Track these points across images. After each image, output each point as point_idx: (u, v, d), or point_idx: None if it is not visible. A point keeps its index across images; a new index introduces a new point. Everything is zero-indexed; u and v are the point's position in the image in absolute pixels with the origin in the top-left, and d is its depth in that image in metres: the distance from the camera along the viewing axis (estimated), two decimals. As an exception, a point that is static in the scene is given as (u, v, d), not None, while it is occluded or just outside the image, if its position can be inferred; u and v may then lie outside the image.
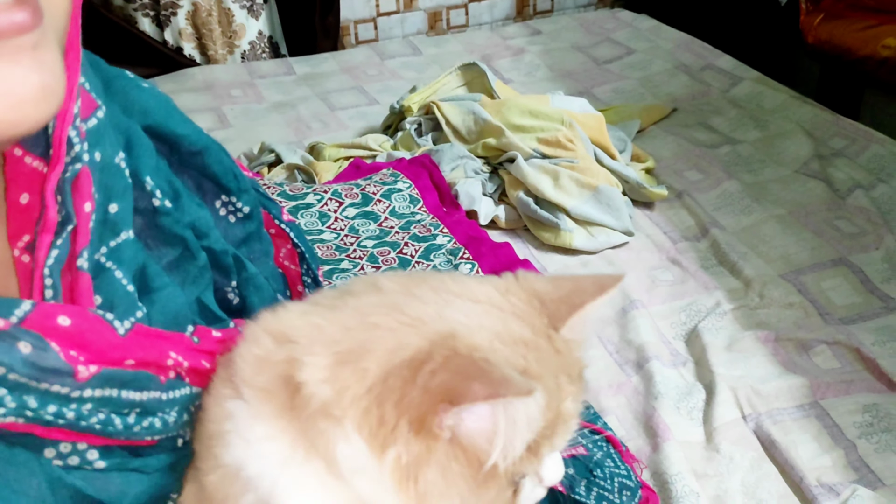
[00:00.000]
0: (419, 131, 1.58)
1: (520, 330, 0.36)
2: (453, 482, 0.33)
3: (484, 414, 0.32)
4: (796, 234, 1.32)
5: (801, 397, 1.01)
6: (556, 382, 0.36)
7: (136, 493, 0.37)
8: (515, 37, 2.32)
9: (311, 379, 0.34)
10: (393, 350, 0.34)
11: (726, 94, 1.86)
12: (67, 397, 0.34)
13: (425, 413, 0.32)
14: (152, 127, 0.47)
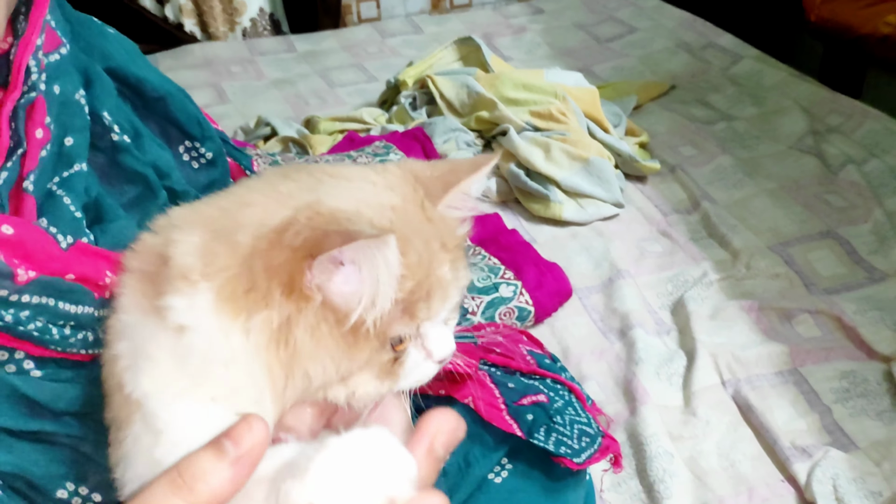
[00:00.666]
0: (414, 105, 1.59)
1: (389, 199, 0.38)
2: (322, 342, 0.34)
3: (347, 269, 0.33)
4: (786, 208, 1.32)
5: (781, 364, 1.02)
6: (426, 246, 0.37)
7: (70, 397, 0.39)
8: (518, 15, 2.31)
9: (180, 252, 0.35)
10: (262, 222, 0.35)
11: (726, 72, 1.85)
12: (6, 300, 0.35)
13: (293, 273, 0.33)
14: (115, 69, 0.49)
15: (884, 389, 0.97)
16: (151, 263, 0.36)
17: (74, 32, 0.48)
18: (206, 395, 0.34)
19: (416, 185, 0.39)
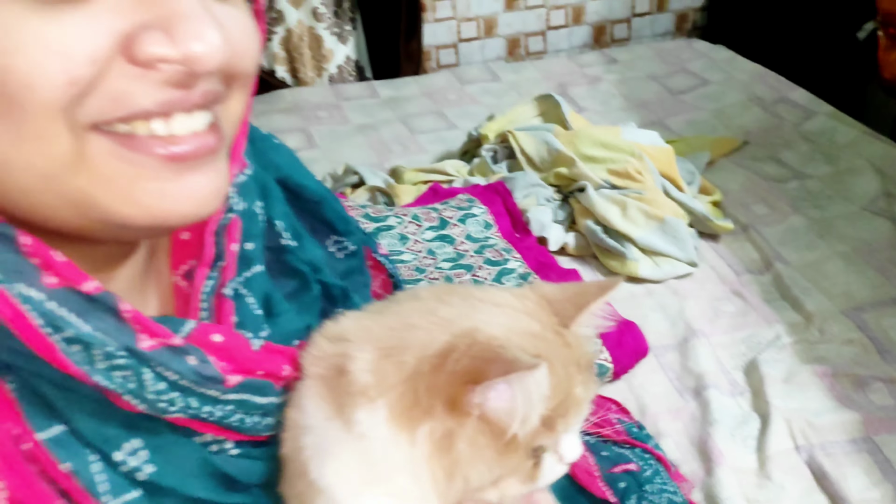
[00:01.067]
0: (495, 158, 1.67)
1: (530, 326, 0.45)
2: (480, 452, 0.41)
3: (503, 390, 0.40)
4: (859, 272, 1.35)
5: (855, 432, 1.05)
6: (564, 369, 0.43)
7: (258, 472, 0.47)
8: (592, 65, 2.39)
9: (357, 368, 0.43)
10: (426, 345, 0.42)
11: (799, 127, 1.88)
12: (217, 399, 0.43)
13: (455, 394, 0.41)
14: (282, 179, 0.58)
15: (958, 462, 1.00)
16: (329, 371, 0.45)
17: (254, 149, 0.57)
18: (381, 492, 0.43)
19: (549, 310, 0.47)
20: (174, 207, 0.38)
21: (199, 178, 0.39)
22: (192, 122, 0.38)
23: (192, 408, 0.42)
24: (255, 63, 0.42)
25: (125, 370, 0.39)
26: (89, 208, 0.37)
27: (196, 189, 0.39)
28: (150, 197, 0.37)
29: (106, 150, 0.36)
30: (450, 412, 0.41)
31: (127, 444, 0.41)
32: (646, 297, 1.35)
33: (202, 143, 0.39)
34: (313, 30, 2.42)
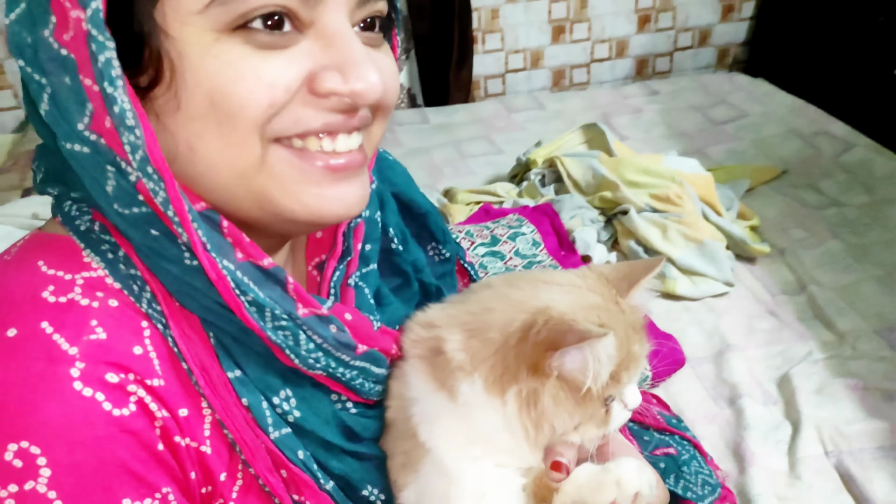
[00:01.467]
0: (543, 182, 1.77)
1: (593, 299, 0.54)
2: (561, 404, 0.51)
3: (576, 355, 0.50)
4: (893, 295, 1.41)
5: (883, 440, 1.11)
6: (624, 332, 0.53)
7: (372, 428, 0.57)
8: (634, 96, 2.48)
9: (451, 349, 0.53)
10: (507, 324, 0.52)
11: (837, 159, 1.95)
12: (347, 364, 0.53)
13: (537, 360, 0.50)
14: (397, 193, 0.68)
15: (982, 472, 1.05)
16: (427, 353, 0.55)
17: (377, 166, 0.66)
18: (482, 449, 0.52)
19: (607, 285, 0.57)
20: (329, 208, 0.49)
21: (349, 187, 0.50)
22: (349, 142, 0.49)
23: (330, 367, 0.53)
24: (396, 98, 0.53)
25: (286, 330, 0.49)
26: (266, 203, 0.48)
27: (346, 195, 0.50)
28: (311, 198, 0.48)
29: (283, 158, 0.47)
30: (533, 375, 0.51)
31: (282, 392, 0.52)
32: (683, 313, 1.43)
33: (354, 158, 0.50)
34: (370, 59, 2.56)
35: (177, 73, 0.43)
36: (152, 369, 0.46)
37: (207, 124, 0.44)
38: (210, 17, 0.43)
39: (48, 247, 0.48)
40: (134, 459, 0.44)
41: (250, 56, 0.44)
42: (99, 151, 0.44)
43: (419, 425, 0.54)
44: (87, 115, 0.43)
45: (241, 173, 0.46)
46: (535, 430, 0.52)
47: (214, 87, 0.43)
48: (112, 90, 0.42)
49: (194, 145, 0.45)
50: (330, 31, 0.46)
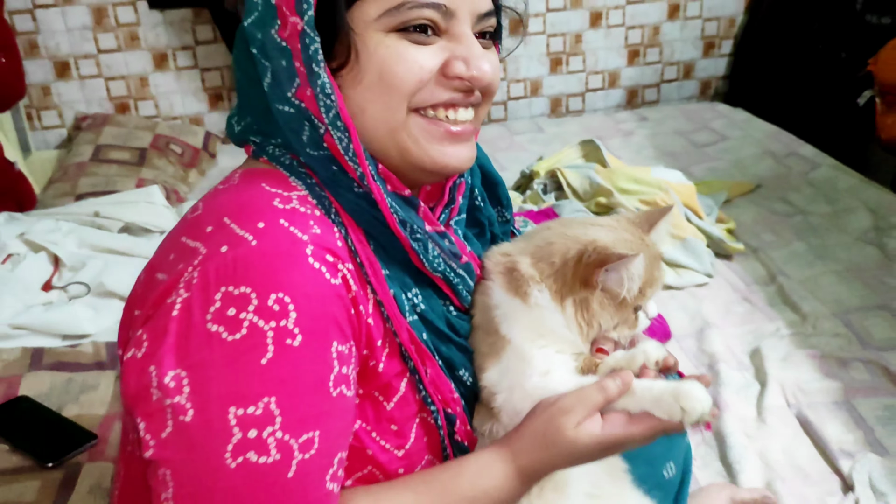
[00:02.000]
0: (545, 190, 2.00)
1: (626, 236, 0.76)
2: (605, 308, 0.72)
3: (615, 272, 0.71)
4: (849, 285, 1.64)
5: (836, 396, 1.33)
6: (648, 259, 0.73)
7: (465, 328, 0.77)
8: (626, 121, 2.74)
9: (524, 267, 0.74)
10: (565, 251, 0.73)
11: (805, 176, 2.19)
12: (455, 270, 0.74)
13: (588, 276, 0.71)
14: (480, 165, 0.88)
15: (916, 418, 1.27)
16: (505, 271, 0.76)
17: None
18: (547, 339, 0.73)
19: (635, 226, 0.79)
20: (448, 162, 0.71)
21: (463, 148, 0.72)
22: (466, 114, 0.71)
23: (446, 271, 0.73)
24: (498, 86, 0.73)
25: (419, 241, 0.70)
26: (407, 154, 0.69)
27: (461, 153, 0.72)
28: (437, 153, 0.70)
29: (418, 124, 0.68)
30: (584, 288, 0.73)
31: (413, 290, 0.72)
32: (670, 300, 1.65)
33: (466, 128, 0.71)
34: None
35: (360, 57, 0.66)
36: (347, 257, 0.67)
37: (375, 93, 0.66)
38: (382, 22, 0.65)
39: (264, 176, 0.69)
40: (340, 315, 0.64)
41: (408, 48, 0.66)
42: (300, 111, 0.66)
43: (501, 323, 0.75)
44: (294, 87, 0.65)
45: (391, 129, 0.68)
46: (587, 327, 0.73)
47: (383, 67, 0.66)
48: (318, 69, 0.64)
49: (365, 108, 0.67)
50: (458, 35, 0.68)
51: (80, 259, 1.71)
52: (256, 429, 0.59)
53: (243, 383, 0.60)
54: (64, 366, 1.39)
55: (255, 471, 0.60)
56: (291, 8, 0.64)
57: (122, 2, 2.58)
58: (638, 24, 2.96)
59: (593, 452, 0.71)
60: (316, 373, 0.62)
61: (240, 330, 0.60)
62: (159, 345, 0.61)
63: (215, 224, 0.64)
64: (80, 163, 2.35)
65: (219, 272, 0.61)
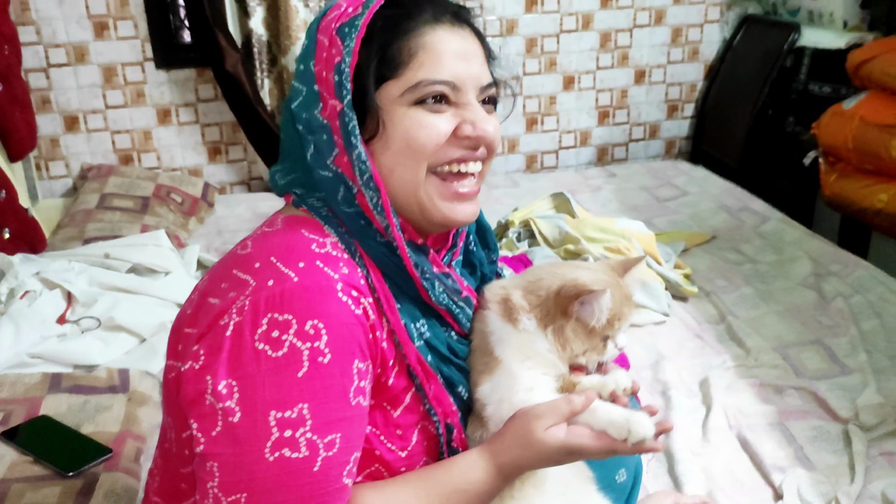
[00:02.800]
0: (518, 238, 2.19)
1: (604, 277, 0.91)
2: (577, 335, 0.87)
3: (588, 304, 0.86)
4: (788, 324, 1.83)
5: (772, 418, 1.50)
6: (619, 297, 0.89)
7: (464, 352, 0.91)
8: (595, 177, 2.96)
9: (516, 298, 0.90)
10: (550, 286, 0.89)
11: (756, 229, 2.41)
12: (456, 303, 0.89)
13: (566, 307, 0.87)
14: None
15: (839, 438, 1.44)
16: (501, 301, 0.92)
17: None
18: (534, 363, 0.89)
19: (612, 271, 0.95)
20: (457, 218, 0.86)
21: (469, 206, 0.87)
22: (475, 167, 0.86)
23: (449, 304, 0.89)
24: (499, 146, 0.89)
25: (428, 280, 0.85)
26: (423, 209, 0.83)
27: (467, 211, 0.87)
28: (448, 210, 0.84)
29: (433, 183, 0.83)
30: (563, 316, 0.88)
31: (421, 320, 0.86)
32: (629, 335, 1.82)
33: (473, 190, 0.87)
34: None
35: (387, 128, 0.81)
36: (368, 292, 0.81)
37: (402, 156, 0.82)
38: (404, 98, 0.81)
39: (304, 223, 0.83)
40: (362, 338, 0.78)
41: (426, 116, 0.82)
42: (337, 176, 0.82)
43: (495, 346, 0.90)
44: (333, 156, 0.82)
45: (415, 188, 0.83)
46: (562, 350, 0.89)
47: (408, 134, 0.81)
48: (355, 141, 0.80)
49: (394, 169, 0.82)
50: (465, 104, 0.84)
51: (92, 296, 1.86)
52: (291, 429, 0.73)
53: (283, 392, 0.73)
54: (81, 389, 1.53)
55: (288, 464, 0.73)
56: (331, 93, 0.80)
57: (131, 62, 2.78)
58: (607, 87, 3.21)
59: (558, 455, 0.84)
60: (341, 385, 0.75)
61: (282, 348, 0.73)
62: (215, 359, 0.74)
63: (263, 262, 0.78)
64: (86, 210, 2.51)
65: (267, 301, 0.74)
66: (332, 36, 0.82)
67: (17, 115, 2.45)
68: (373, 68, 0.81)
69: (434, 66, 0.82)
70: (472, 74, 0.84)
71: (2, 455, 1.34)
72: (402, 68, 0.81)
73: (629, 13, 3.12)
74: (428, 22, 0.83)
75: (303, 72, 0.85)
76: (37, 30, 2.67)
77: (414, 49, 0.82)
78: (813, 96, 2.79)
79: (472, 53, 0.85)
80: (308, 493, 0.74)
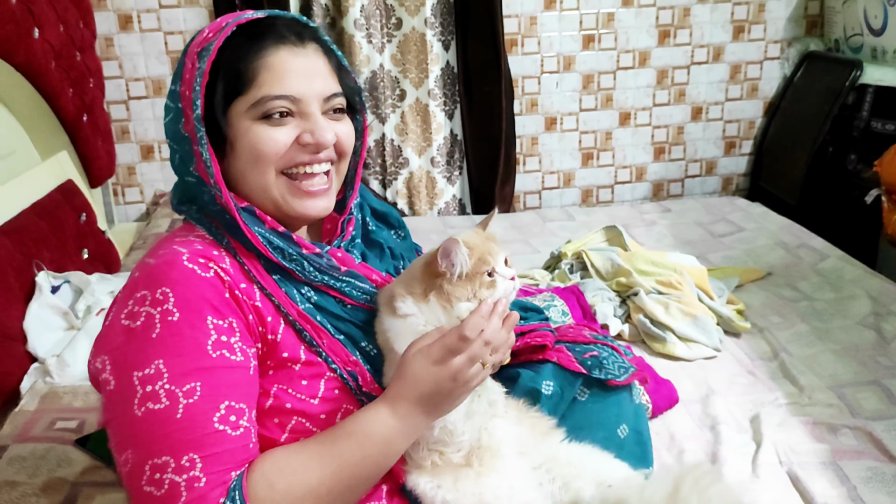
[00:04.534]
0: (571, 270, 2.22)
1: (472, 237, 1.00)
2: (455, 286, 0.95)
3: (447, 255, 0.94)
4: (845, 363, 1.80)
5: (825, 457, 1.48)
6: (481, 239, 0.98)
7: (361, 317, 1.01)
8: (650, 212, 2.96)
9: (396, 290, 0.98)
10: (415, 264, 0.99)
11: (814, 266, 2.37)
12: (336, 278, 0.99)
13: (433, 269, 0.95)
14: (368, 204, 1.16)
15: (895, 480, 1.41)
16: (386, 300, 1.00)
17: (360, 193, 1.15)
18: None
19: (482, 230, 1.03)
20: (308, 212, 0.98)
21: (319, 201, 0.98)
22: (321, 168, 0.97)
23: (325, 280, 0.98)
24: (350, 148, 1.01)
25: (295, 261, 0.96)
26: (278, 206, 0.96)
27: (318, 205, 0.98)
28: (298, 206, 0.97)
29: (284, 184, 0.96)
30: (434, 278, 0.96)
31: (305, 288, 0.97)
32: (680, 370, 1.83)
33: (321, 187, 0.98)
34: (430, 173, 3.10)
35: (237, 140, 0.93)
36: (223, 261, 0.91)
37: (250, 165, 0.94)
38: (250, 113, 0.93)
39: (179, 229, 0.98)
40: (212, 296, 0.88)
41: (267, 130, 0.93)
42: (199, 180, 0.93)
43: (394, 342, 0.99)
44: (193, 164, 0.93)
45: (264, 189, 0.95)
46: (449, 305, 0.96)
47: (252, 146, 0.93)
48: (202, 149, 0.91)
49: (246, 175, 0.95)
50: (306, 114, 0.95)
51: (161, 315, 1.96)
52: (151, 384, 0.83)
53: (141, 354, 0.84)
54: (149, 401, 1.62)
55: (153, 415, 0.82)
56: (190, 107, 0.91)
57: (204, 95, 2.94)
58: (664, 123, 3.23)
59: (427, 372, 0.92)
60: (194, 338, 0.85)
61: (140, 318, 0.85)
62: (95, 346, 0.89)
63: (139, 264, 0.92)
64: (158, 233, 2.65)
65: (131, 287, 0.88)
66: (192, 59, 0.93)
67: (99, 144, 2.62)
68: (220, 87, 0.92)
69: (275, 84, 0.93)
70: (312, 89, 0.95)
71: (74, 460, 1.43)
72: (248, 86, 0.93)
73: (686, 50, 3.15)
74: (272, 44, 0.94)
75: (172, 92, 0.95)
76: (119, 64, 2.86)
77: (258, 69, 0.93)
78: (875, 134, 2.76)
79: (314, 70, 0.96)
80: (177, 439, 0.82)
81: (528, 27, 3.04)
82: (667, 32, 3.10)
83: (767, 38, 3.17)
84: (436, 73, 2.99)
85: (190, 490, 0.81)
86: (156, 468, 0.82)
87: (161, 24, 2.83)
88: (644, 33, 3.09)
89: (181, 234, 0.95)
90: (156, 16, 2.82)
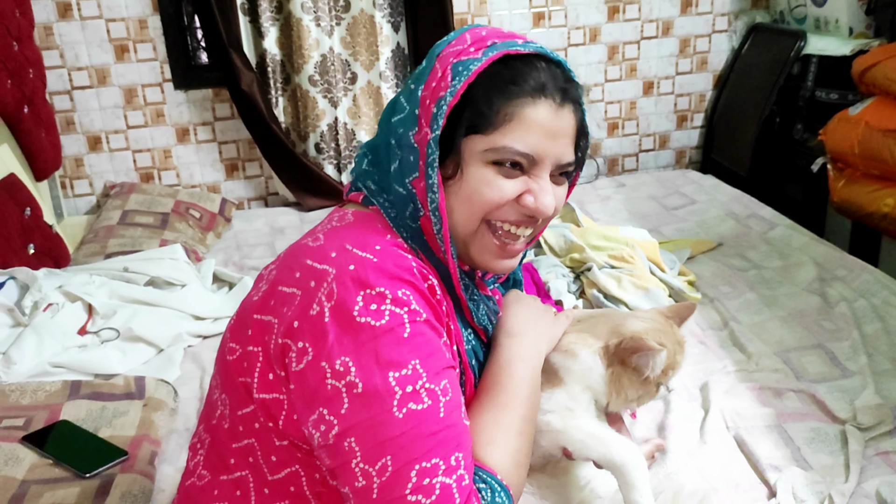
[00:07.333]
0: (525, 248, 2.23)
1: (660, 327, 0.98)
2: (632, 383, 0.95)
3: (645, 358, 0.93)
4: (791, 329, 1.85)
5: (770, 420, 1.52)
6: (673, 347, 0.96)
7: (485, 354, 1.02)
8: (605, 188, 2.99)
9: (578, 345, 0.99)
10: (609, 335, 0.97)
11: (763, 235, 2.42)
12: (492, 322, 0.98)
13: (624, 357, 0.95)
14: None
15: (837, 438, 1.46)
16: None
17: None
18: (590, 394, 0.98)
19: (666, 319, 1.02)
20: (495, 269, 0.92)
21: (510, 262, 0.92)
22: (525, 231, 0.91)
23: (486, 325, 0.97)
24: (556, 213, 0.92)
25: (474, 301, 0.94)
26: (469, 250, 0.90)
27: (506, 265, 0.92)
28: (489, 261, 0.91)
29: (484, 233, 0.89)
30: (620, 366, 0.96)
31: (468, 330, 0.94)
32: (633, 342, 1.85)
33: (518, 248, 0.92)
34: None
35: (463, 175, 0.87)
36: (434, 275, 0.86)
37: (466, 203, 0.87)
38: (485, 155, 0.86)
39: (375, 220, 0.89)
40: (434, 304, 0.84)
41: (497, 178, 0.87)
42: (410, 194, 0.88)
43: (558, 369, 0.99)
44: (412, 177, 0.87)
45: (466, 232, 0.89)
46: (616, 395, 0.97)
47: (475, 187, 0.87)
48: (432, 172, 0.84)
49: (455, 210, 0.88)
50: (537, 176, 0.88)
51: (112, 308, 1.93)
52: (411, 384, 0.78)
53: (394, 354, 0.78)
54: (99, 395, 1.60)
55: (417, 416, 0.77)
56: (428, 122, 0.86)
57: (151, 83, 2.88)
58: (616, 99, 3.25)
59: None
60: (436, 339, 0.82)
61: (384, 317, 0.78)
62: (323, 345, 0.78)
63: (339, 250, 0.82)
64: (108, 226, 2.60)
65: (354, 282, 0.79)
66: (445, 69, 0.86)
67: (43, 136, 2.56)
68: (466, 116, 0.85)
69: (521, 138, 0.86)
70: (554, 153, 0.88)
71: (22, 458, 1.40)
72: (492, 129, 0.85)
73: (636, 25, 3.16)
74: (532, 93, 0.86)
75: (411, 91, 0.90)
76: (60, 53, 2.78)
77: (510, 116, 0.85)
78: (820, 103, 2.81)
79: (563, 133, 0.89)
80: (444, 438, 0.79)
81: (479, 6, 3.03)
82: (616, 8, 3.12)
83: (715, 12, 3.20)
84: (386, 54, 2.97)
85: (461, 491, 0.78)
86: (424, 472, 0.77)
87: (102, 12, 2.76)
88: (594, 9, 3.09)
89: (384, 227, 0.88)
90: (96, 3, 2.75)
